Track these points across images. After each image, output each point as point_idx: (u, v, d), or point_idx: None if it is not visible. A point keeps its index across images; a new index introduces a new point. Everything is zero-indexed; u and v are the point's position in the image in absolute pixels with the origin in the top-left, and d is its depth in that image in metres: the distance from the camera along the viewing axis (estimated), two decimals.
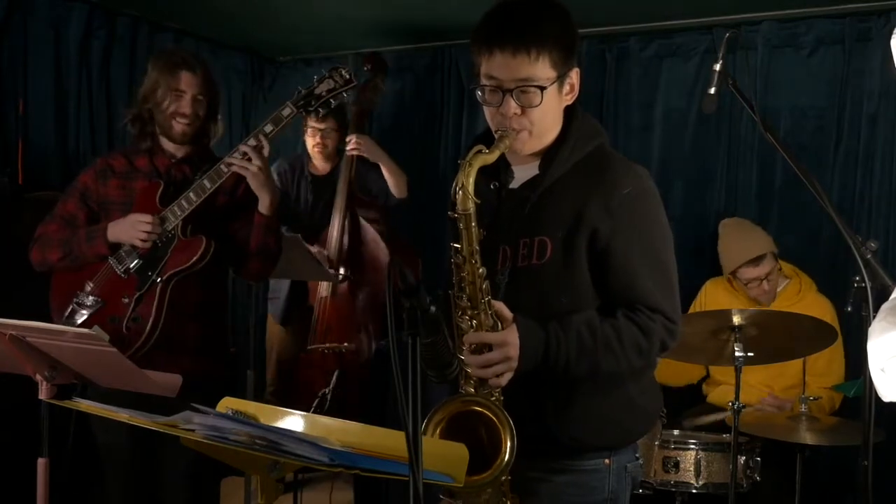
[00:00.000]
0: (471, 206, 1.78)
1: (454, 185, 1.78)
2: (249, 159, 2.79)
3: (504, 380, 1.80)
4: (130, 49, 4.33)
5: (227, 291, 3.12)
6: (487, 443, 1.79)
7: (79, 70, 4.17)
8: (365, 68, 4.29)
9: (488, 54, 1.84)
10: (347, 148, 4.15)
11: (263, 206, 2.84)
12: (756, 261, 3.54)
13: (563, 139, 1.93)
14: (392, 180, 4.22)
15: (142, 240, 2.78)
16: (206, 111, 2.93)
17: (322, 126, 4.24)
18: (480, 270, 1.80)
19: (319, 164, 4.37)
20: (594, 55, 4.41)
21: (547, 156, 1.93)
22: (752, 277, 3.56)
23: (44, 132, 4.06)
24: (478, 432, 1.81)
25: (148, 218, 2.78)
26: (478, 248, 1.80)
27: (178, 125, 2.88)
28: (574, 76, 1.91)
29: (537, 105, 1.84)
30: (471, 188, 1.77)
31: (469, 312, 1.81)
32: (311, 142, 4.31)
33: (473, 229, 1.79)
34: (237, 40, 4.92)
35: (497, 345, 1.79)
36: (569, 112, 1.95)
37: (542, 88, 1.83)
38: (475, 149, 1.80)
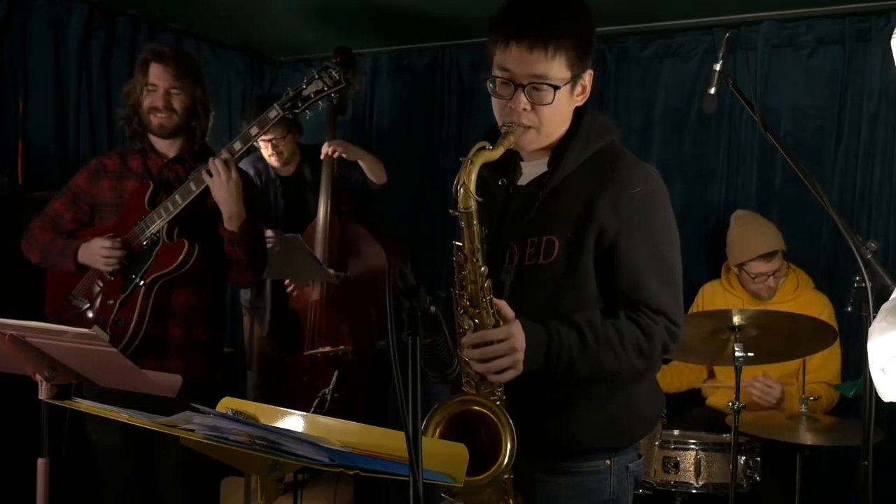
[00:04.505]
0: (472, 204, 1.74)
1: (455, 182, 1.74)
2: (210, 173, 2.73)
3: (508, 375, 1.75)
4: (130, 49, 4.31)
5: (224, 292, 3.09)
6: (487, 443, 1.77)
7: (79, 70, 4.17)
8: (334, 60, 3.96)
9: (504, 45, 1.81)
10: (324, 155, 4.05)
11: (225, 219, 2.78)
12: (769, 256, 3.55)
13: (573, 135, 1.90)
14: (370, 171, 4.13)
15: (104, 265, 2.77)
16: (187, 104, 2.87)
17: (269, 137, 4.05)
18: (482, 269, 1.76)
19: (281, 169, 4.23)
20: (594, 55, 4.39)
21: (556, 152, 1.90)
22: (762, 272, 3.56)
23: (44, 132, 4.06)
24: (478, 433, 1.79)
25: (107, 243, 2.76)
26: (479, 246, 1.76)
27: (156, 119, 2.86)
28: (587, 78, 1.89)
29: (548, 103, 1.82)
30: (472, 186, 1.74)
31: (470, 311, 1.77)
32: (265, 153, 4.17)
33: (475, 227, 1.76)
34: (237, 40, 4.92)
35: (501, 339, 1.74)
36: (578, 111, 1.92)
37: (556, 88, 1.81)
38: (478, 145, 1.76)
